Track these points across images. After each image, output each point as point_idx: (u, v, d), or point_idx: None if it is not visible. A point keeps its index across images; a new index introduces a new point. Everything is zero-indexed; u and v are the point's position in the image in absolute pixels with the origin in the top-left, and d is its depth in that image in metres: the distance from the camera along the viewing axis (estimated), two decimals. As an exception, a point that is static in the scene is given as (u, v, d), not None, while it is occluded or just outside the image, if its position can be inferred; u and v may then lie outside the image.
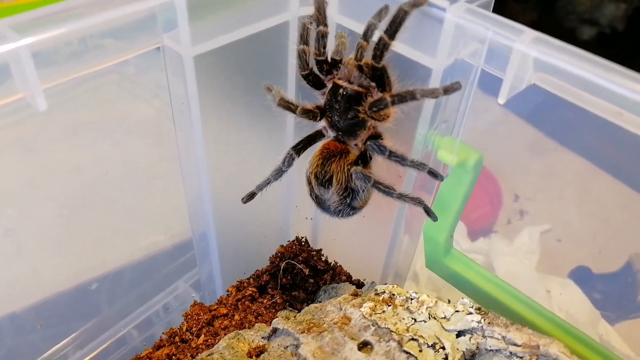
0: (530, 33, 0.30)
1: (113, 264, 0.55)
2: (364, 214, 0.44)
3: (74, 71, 0.31)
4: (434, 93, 0.32)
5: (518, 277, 0.62)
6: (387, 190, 0.36)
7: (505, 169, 0.81)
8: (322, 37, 0.35)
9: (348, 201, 0.38)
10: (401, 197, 0.36)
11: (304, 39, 0.36)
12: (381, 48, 0.33)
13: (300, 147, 0.39)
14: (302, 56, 0.36)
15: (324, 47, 0.36)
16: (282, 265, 0.47)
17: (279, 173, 0.39)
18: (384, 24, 0.33)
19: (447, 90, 0.32)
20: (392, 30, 0.32)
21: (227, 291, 0.46)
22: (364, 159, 0.37)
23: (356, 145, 0.38)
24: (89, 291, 0.54)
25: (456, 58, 0.34)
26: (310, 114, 0.37)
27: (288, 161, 0.39)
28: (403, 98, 0.33)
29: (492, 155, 0.84)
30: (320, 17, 0.35)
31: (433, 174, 0.35)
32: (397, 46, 0.35)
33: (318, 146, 0.39)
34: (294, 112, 0.37)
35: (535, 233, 0.67)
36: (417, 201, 0.36)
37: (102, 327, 0.54)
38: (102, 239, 0.51)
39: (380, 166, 0.38)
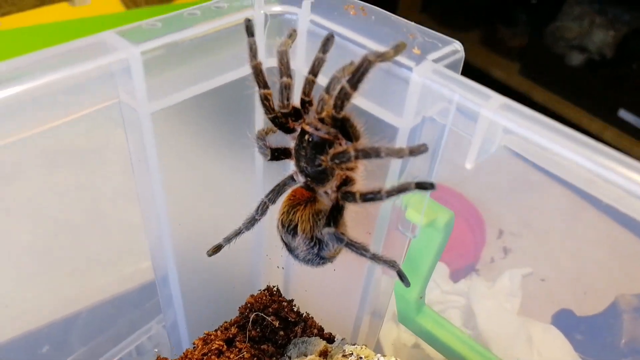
0: (497, 99, 0.29)
1: (85, 301, 0.53)
2: (334, 268, 0.43)
3: (30, 128, 0.30)
4: (399, 153, 0.30)
5: (499, 322, 0.60)
6: (360, 252, 0.34)
7: (490, 202, 0.80)
8: (285, 88, 0.34)
9: (316, 251, 0.37)
10: (374, 257, 0.35)
11: (262, 83, 0.34)
12: (342, 97, 0.31)
13: (272, 195, 0.38)
14: (264, 102, 0.34)
15: (288, 99, 0.34)
16: (252, 316, 0.45)
17: (251, 222, 0.38)
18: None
19: (413, 152, 0.30)
20: (355, 80, 0.30)
21: (194, 344, 0.44)
22: (336, 211, 0.35)
23: (325, 193, 0.36)
24: (62, 329, 0.53)
25: (424, 116, 0.33)
26: (277, 154, 0.36)
27: (262, 210, 0.38)
28: (367, 154, 0.31)
29: (475, 190, 0.83)
30: (282, 68, 0.34)
31: (422, 185, 0.32)
32: (363, 102, 0.34)
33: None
34: (266, 156, 0.36)
35: (516, 276, 0.66)
36: (391, 264, 0.35)
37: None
38: (72, 275, 0.50)
39: (350, 218, 0.37)
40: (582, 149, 0.26)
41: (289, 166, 0.39)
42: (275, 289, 0.48)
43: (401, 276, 0.36)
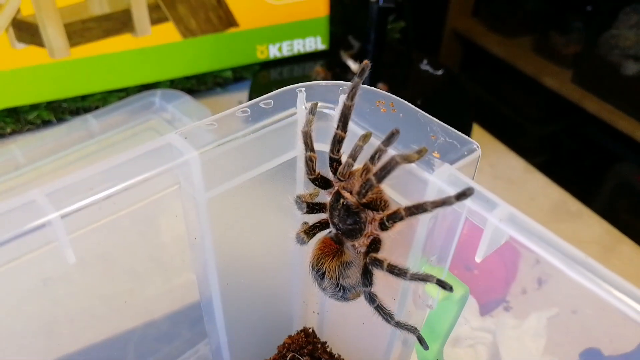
0: (504, 208, 0.33)
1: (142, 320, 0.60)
2: (363, 322, 0.48)
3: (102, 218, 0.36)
4: (446, 202, 0.33)
5: (522, 362, 0.63)
6: (386, 317, 0.39)
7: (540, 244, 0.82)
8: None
9: (340, 294, 0.41)
10: (398, 325, 0.39)
11: (309, 147, 0.39)
12: (367, 188, 0.36)
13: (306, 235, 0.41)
14: (309, 163, 0.39)
15: (339, 150, 0.38)
16: (289, 356, 0.51)
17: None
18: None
19: (460, 197, 0.33)
20: (381, 175, 0.35)
21: (237, 380, 0.51)
22: (368, 273, 0.39)
23: (353, 246, 0.40)
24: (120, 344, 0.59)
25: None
26: (313, 208, 0.40)
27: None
28: (414, 212, 0.35)
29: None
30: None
31: (442, 284, 0.37)
32: (386, 190, 0.39)
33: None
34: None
35: (543, 318, 0.69)
36: (413, 330, 0.39)
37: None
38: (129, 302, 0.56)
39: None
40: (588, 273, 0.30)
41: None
42: (311, 330, 0.53)
43: (421, 341, 0.40)
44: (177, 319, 0.56)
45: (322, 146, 0.40)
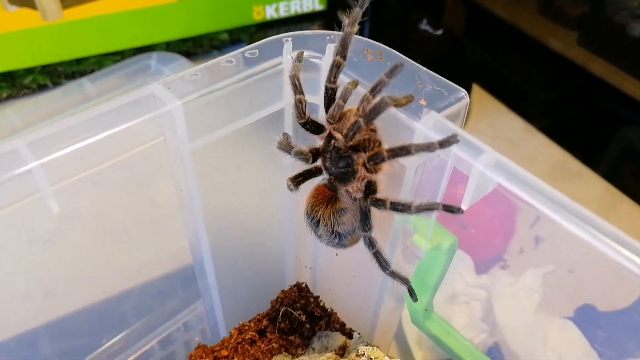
0: (489, 154, 0.33)
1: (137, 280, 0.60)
2: (354, 274, 0.48)
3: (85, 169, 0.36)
4: (429, 147, 0.33)
5: (515, 319, 0.64)
6: (383, 264, 0.38)
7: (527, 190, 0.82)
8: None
9: (337, 241, 0.40)
10: (393, 274, 0.38)
11: (298, 89, 0.38)
12: (355, 130, 0.35)
13: (296, 182, 0.40)
14: (298, 105, 0.38)
15: (335, 78, 0.37)
16: (282, 310, 0.51)
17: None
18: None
19: (443, 144, 0.32)
20: (370, 116, 0.34)
21: (230, 333, 0.51)
22: (366, 217, 0.38)
23: (347, 191, 0.39)
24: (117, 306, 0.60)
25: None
26: (303, 157, 0.38)
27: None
28: (397, 154, 0.34)
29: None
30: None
31: (449, 208, 0.35)
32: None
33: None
34: (288, 152, 0.38)
35: (537, 275, 0.69)
36: (405, 281, 0.39)
37: (130, 341, 0.60)
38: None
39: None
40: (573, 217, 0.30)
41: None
42: (304, 285, 0.54)
43: (411, 293, 0.40)
44: (171, 278, 0.56)
45: (310, 98, 0.39)
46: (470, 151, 0.33)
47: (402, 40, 0.96)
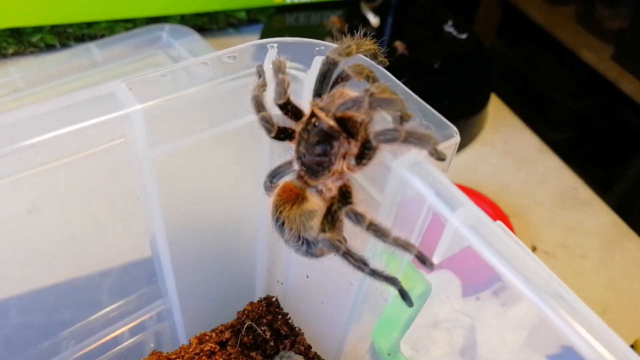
0: (468, 208, 0.29)
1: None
2: (322, 301, 0.45)
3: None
4: (422, 140, 0.29)
5: (497, 355, 0.61)
6: (358, 264, 0.32)
7: (528, 216, 0.78)
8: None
9: (304, 249, 0.35)
10: (373, 273, 0.32)
11: (261, 107, 0.34)
12: (354, 103, 0.30)
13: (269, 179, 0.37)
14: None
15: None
16: (247, 324, 0.49)
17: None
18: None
19: (432, 154, 0.29)
20: (377, 102, 0.30)
21: (190, 341, 0.49)
22: (330, 216, 0.33)
23: (318, 191, 0.34)
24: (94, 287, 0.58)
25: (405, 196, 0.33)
26: (267, 124, 0.34)
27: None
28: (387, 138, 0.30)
29: (510, 197, 0.80)
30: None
31: (421, 259, 0.31)
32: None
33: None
34: (257, 112, 0.34)
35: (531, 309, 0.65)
36: (392, 281, 0.32)
37: (103, 323, 0.58)
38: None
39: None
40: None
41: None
42: (274, 299, 0.51)
43: (403, 295, 0.33)
44: (136, 269, 0.54)
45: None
46: (448, 203, 0.29)
47: (424, 40, 0.91)
